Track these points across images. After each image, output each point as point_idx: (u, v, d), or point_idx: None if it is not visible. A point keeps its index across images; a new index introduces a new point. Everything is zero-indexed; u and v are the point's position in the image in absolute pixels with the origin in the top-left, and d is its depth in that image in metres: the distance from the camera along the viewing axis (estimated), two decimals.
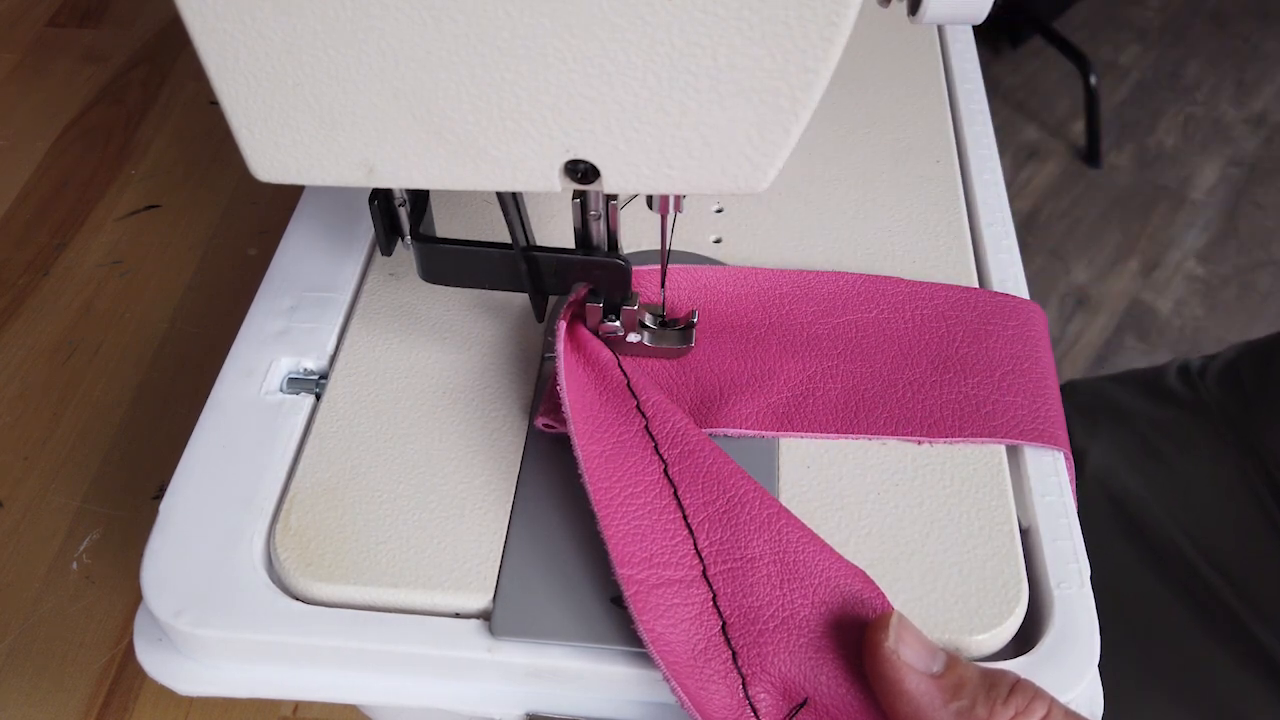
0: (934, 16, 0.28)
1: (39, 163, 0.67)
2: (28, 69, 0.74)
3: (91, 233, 0.62)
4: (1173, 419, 0.61)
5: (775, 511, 0.32)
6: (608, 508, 0.32)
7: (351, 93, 0.27)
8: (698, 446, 0.33)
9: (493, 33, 0.25)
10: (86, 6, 0.79)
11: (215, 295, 0.59)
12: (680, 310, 0.38)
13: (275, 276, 0.41)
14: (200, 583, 0.32)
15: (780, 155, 0.28)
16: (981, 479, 0.34)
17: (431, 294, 0.40)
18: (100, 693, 0.44)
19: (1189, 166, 1.63)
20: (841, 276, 0.40)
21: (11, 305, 0.58)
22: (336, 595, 0.32)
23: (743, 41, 0.25)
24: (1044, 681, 0.30)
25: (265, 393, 0.37)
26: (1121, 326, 1.42)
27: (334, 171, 0.29)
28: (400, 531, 0.33)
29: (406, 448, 0.35)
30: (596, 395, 0.35)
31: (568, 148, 0.28)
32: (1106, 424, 0.63)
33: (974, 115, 0.48)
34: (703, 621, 0.30)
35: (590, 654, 0.31)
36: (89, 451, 0.52)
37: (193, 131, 0.69)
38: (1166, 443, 0.60)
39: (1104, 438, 0.62)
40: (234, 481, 0.34)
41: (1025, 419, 0.35)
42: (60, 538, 0.48)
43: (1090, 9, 1.87)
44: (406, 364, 0.38)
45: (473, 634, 0.31)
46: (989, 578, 0.32)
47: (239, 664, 0.32)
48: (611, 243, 0.34)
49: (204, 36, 0.26)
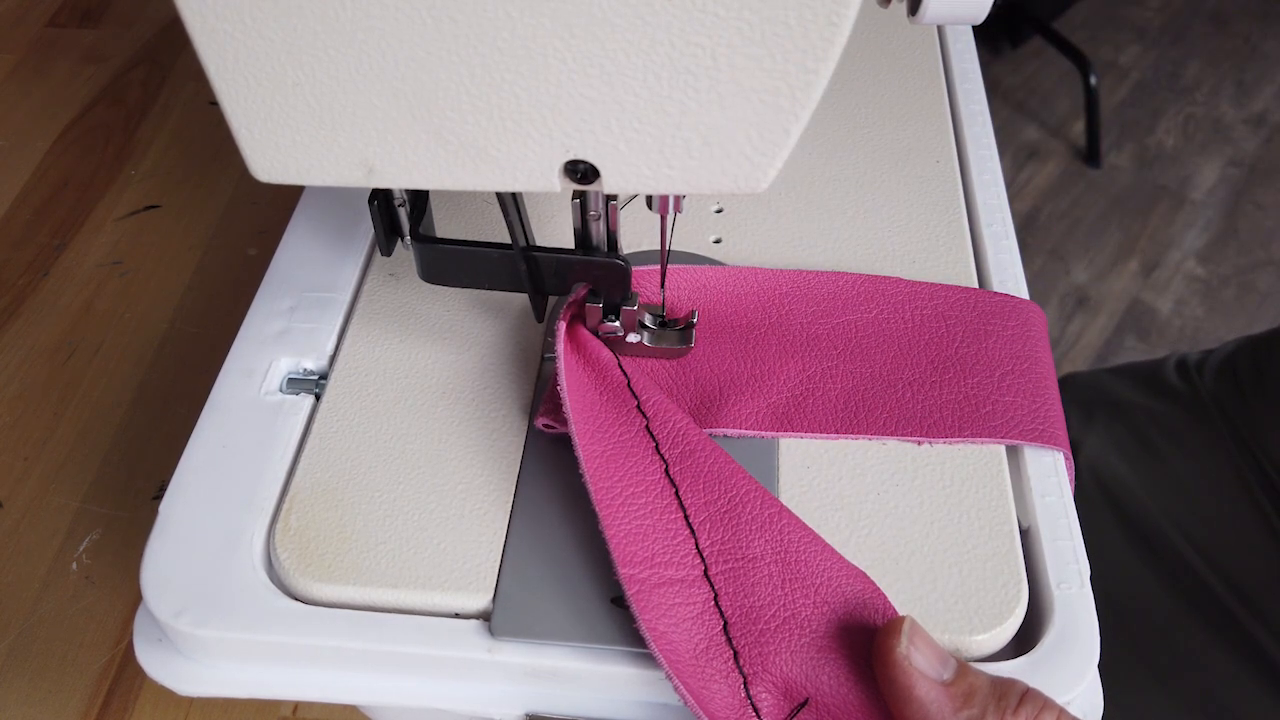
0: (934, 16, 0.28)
1: (39, 163, 0.67)
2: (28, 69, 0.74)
3: (91, 233, 0.62)
4: (1169, 414, 0.61)
5: (776, 511, 0.32)
6: (609, 508, 0.32)
7: (351, 93, 0.27)
8: (699, 446, 0.33)
9: (493, 33, 0.25)
10: (86, 6, 0.79)
11: (215, 295, 0.59)
12: (680, 310, 0.38)
13: (275, 276, 0.41)
14: (200, 583, 0.32)
15: (780, 155, 0.28)
16: (981, 479, 0.34)
17: (431, 294, 0.40)
18: (100, 693, 0.44)
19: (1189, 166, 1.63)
20: (841, 276, 0.40)
21: (11, 305, 0.58)
22: (336, 596, 0.32)
23: (743, 41, 0.25)
24: (1044, 682, 0.30)
25: (265, 393, 0.37)
26: (1121, 326, 1.42)
27: (334, 171, 0.29)
28: (400, 532, 0.33)
29: (406, 448, 0.35)
30: (597, 395, 0.35)
31: (568, 148, 0.28)
32: (1102, 417, 0.63)
33: (974, 115, 0.48)
34: (704, 621, 0.30)
35: (590, 654, 0.31)
36: (89, 451, 0.52)
37: (193, 131, 0.69)
38: (1162, 437, 0.60)
39: (1099, 430, 0.62)
40: (234, 482, 0.34)
41: (1025, 419, 0.35)
42: (60, 538, 0.48)
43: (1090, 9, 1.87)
44: (406, 364, 0.38)
45: (472, 634, 0.31)
46: (989, 578, 0.32)
47: (239, 664, 0.32)
48: (611, 243, 0.34)
49: (204, 36, 0.26)
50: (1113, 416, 0.63)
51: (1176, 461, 0.59)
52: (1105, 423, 0.62)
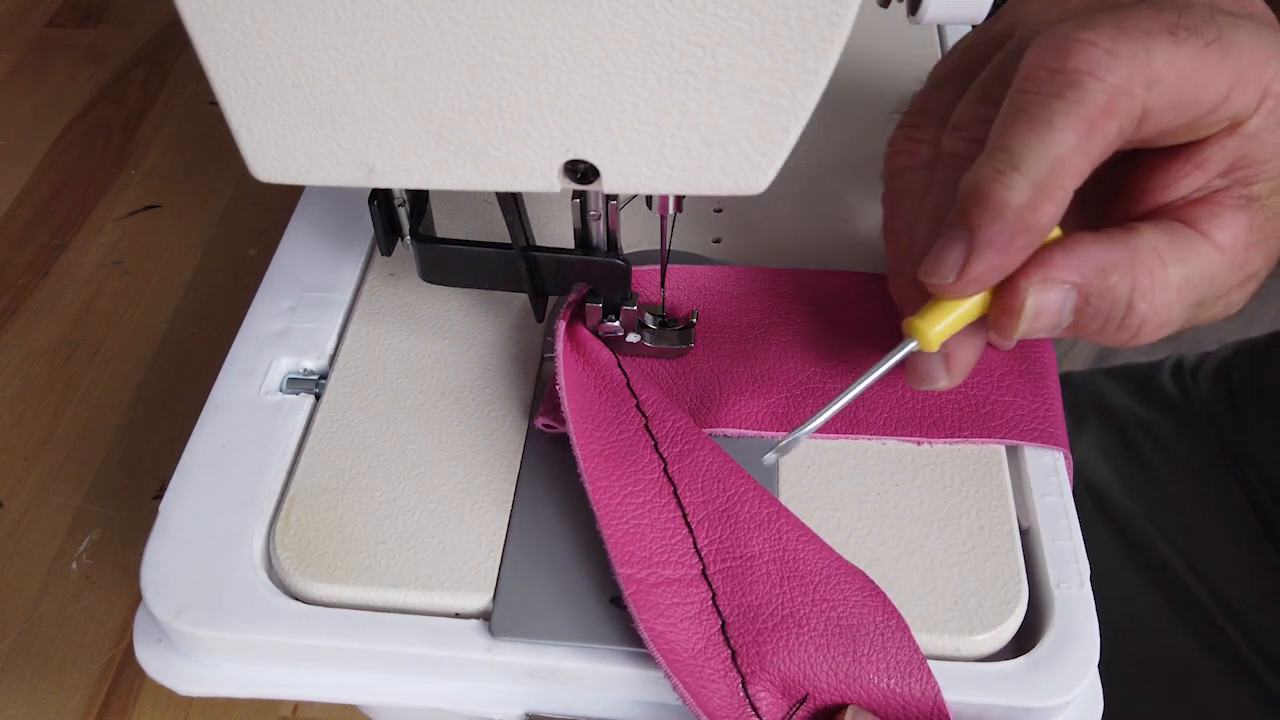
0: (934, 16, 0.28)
1: (39, 163, 0.67)
2: (28, 69, 0.74)
3: (91, 233, 0.62)
4: (1160, 423, 0.61)
5: (775, 510, 0.32)
6: (607, 507, 0.32)
7: (351, 93, 0.27)
8: (697, 445, 0.33)
9: (493, 33, 0.25)
10: (86, 6, 0.79)
11: (215, 295, 0.59)
12: (680, 310, 0.38)
13: (275, 276, 0.41)
14: (200, 583, 0.32)
15: (780, 155, 0.28)
16: (981, 479, 0.34)
17: (431, 294, 0.40)
18: (100, 693, 0.44)
19: None
20: (841, 275, 0.40)
21: (11, 305, 0.58)
22: (336, 595, 0.32)
23: (743, 41, 0.25)
24: (1044, 682, 0.30)
25: (265, 393, 0.37)
26: None
27: (334, 171, 0.29)
28: (400, 532, 0.33)
29: (406, 448, 0.35)
30: (596, 395, 0.35)
31: (567, 148, 0.28)
32: (1093, 423, 0.62)
33: None
34: (702, 621, 0.30)
35: (590, 654, 0.31)
36: (89, 451, 0.52)
37: (193, 131, 0.69)
38: (1151, 446, 0.60)
39: (1089, 436, 0.61)
40: (234, 481, 0.34)
41: (1025, 419, 0.35)
42: (60, 538, 0.49)
43: None
44: (406, 364, 0.38)
45: (472, 634, 0.31)
46: (989, 578, 0.32)
47: (239, 664, 0.32)
48: (611, 243, 0.34)
49: (204, 36, 0.26)
50: (1103, 423, 0.62)
51: (1165, 472, 0.59)
52: (1095, 429, 0.62)
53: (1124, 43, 0.26)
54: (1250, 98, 0.27)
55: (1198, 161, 0.29)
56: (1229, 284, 0.30)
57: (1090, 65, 0.26)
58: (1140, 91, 0.26)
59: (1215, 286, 0.30)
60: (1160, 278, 0.29)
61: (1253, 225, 0.29)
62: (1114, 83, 0.26)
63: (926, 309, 0.30)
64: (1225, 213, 0.29)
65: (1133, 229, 0.29)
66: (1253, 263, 0.30)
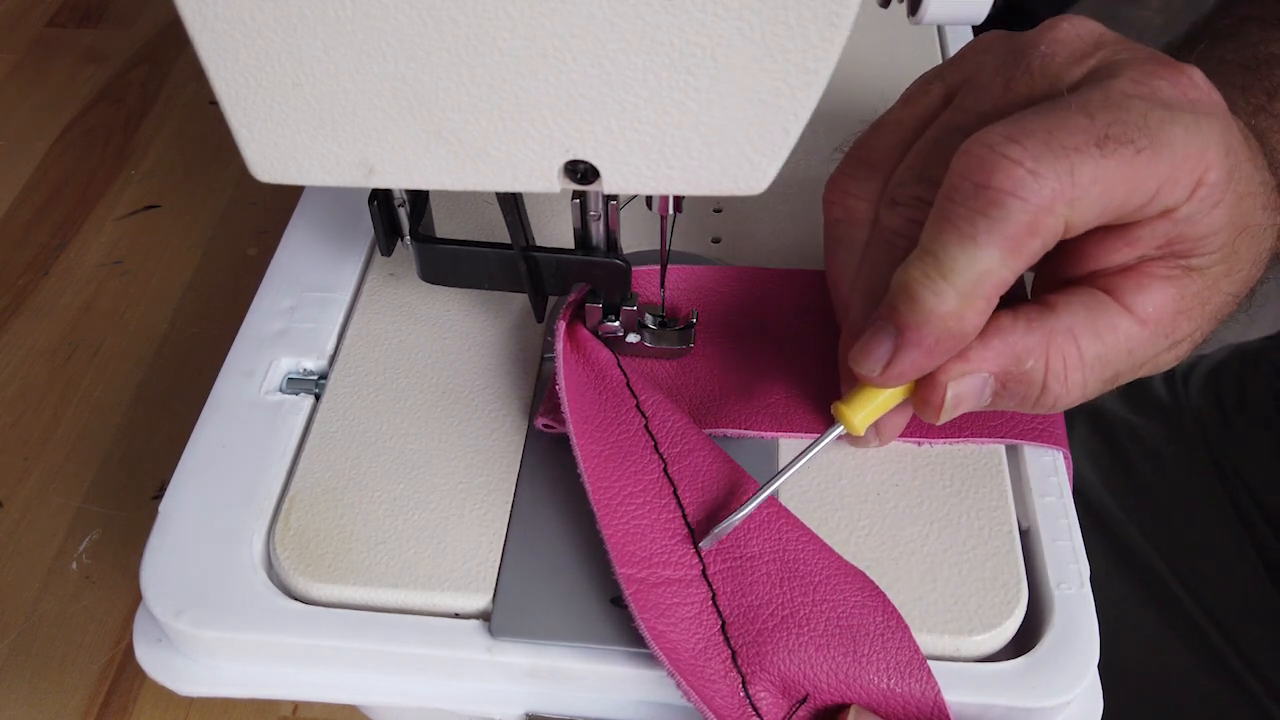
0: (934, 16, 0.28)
1: (39, 163, 0.67)
2: (28, 69, 0.74)
3: (91, 233, 0.62)
4: (1149, 429, 0.60)
5: (774, 510, 0.32)
6: (607, 507, 0.32)
7: (351, 93, 0.27)
8: (697, 445, 0.33)
9: (493, 33, 0.25)
10: (86, 6, 0.79)
11: (215, 295, 0.59)
12: (680, 310, 0.38)
13: (275, 276, 0.41)
14: (200, 583, 0.32)
15: (780, 155, 0.28)
16: (981, 479, 0.34)
17: (431, 294, 0.40)
18: (100, 693, 0.44)
19: None
20: None
21: (11, 305, 0.58)
22: (336, 595, 0.32)
23: (743, 41, 0.25)
24: (1044, 682, 0.30)
25: (265, 393, 0.37)
26: None
27: (334, 171, 0.29)
28: (400, 532, 0.33)
29: (406, 448, 0.35)
30: (596, 395, 0.35)
31: (567, 148, 0.28)
32: (1083, 428, 0.62)
33: None
34: (702, 621, 0.30)
35: (590, 654, 0.31)
36: (89, 451, 0.52)
37: (193, 131, 0.69)
38: (1140, 454, 0.60)
39: (1078, 441, 0.61)
40: (234, 481, 0.34)
41: (1025, 419, 0.35)
42: (60, 538, 0.49)
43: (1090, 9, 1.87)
44: (406, 364, 0.38)
45: (472, 634, 0.31)
46: (988, 578, 0.32)
47: (239, 664, 0.32)
48: (611, 243, 0.34)
49: (204, 36, 0.26)
50: (1093, 428, 0.62)
51: (1153, 479, 0.59)
52: (1085, 434, 0.62)
53: (1048, 161, 0.26)
54: (1180, 192, 0.28)
55: (1129, 240, 0.29)
56: (1150, 353, 0.31)
57: (1013, 185, 0.26)
58: (1062, 210, 0.27)
59: (1134, 358, 0.30)
60: (1073, 359, 0.29)
61: (1184, 295, 0.30)
62: (1036, 204, 0.26)
63: (853, 395, 0.32)
64: (1154, 284, 0.30)
65: (1051, 307, 0.30)
66: (1181, 329, 0.31)
